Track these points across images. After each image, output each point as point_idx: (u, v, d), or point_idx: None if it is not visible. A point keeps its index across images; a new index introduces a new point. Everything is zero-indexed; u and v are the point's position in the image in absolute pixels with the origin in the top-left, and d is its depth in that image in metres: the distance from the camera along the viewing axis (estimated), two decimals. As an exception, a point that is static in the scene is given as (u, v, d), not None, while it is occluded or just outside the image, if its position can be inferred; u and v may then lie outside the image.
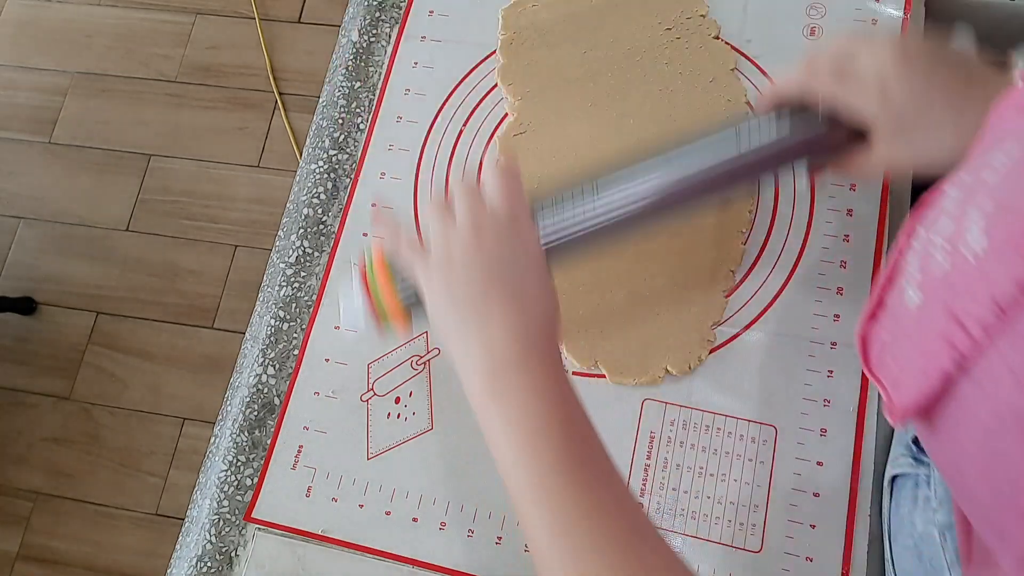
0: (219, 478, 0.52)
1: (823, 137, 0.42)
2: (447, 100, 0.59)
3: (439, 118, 0.59)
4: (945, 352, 0.27)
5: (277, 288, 0.56)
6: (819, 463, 0.48)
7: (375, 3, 0.63)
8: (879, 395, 0.49)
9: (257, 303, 0.57)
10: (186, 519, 0.53)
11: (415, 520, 0.49)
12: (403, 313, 0.42)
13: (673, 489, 0.48)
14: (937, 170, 0.37)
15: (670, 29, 0.58)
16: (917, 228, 0.33)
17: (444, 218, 0.40)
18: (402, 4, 0.63)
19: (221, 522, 0.51)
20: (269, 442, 0.52)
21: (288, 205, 0.59)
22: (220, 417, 0.54)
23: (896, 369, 0.32)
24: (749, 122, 0.42)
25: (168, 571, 0.52)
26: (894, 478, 0.46)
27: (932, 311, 0.29)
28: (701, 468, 0.49)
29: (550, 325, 0.39)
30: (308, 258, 0.56)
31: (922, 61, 0.38)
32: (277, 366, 0.54)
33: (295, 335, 0.55)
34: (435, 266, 0.40)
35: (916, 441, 0.44)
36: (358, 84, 0.61)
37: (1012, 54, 0.40)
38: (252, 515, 0.51)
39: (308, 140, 0.61)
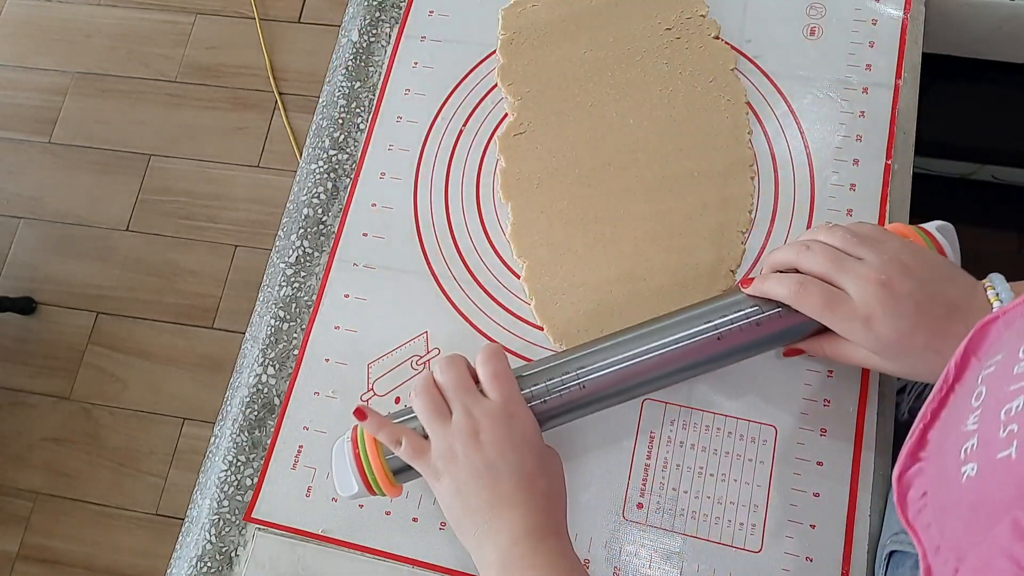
0: (219, 478, 0.52)
1: (805, 328, 0.44)
2: (447, 100, 0.59)
3: (439, 118, 0.59)
4: (1007, 569, 0.25)
5: (277, 288, 0.56)
6: (819, 463, 0.48)
7: (375, 3, 0.63)
8: (878, 397, 0.49)
9: (257, 303, 0.57)
10: (186, 519, 0.53)
11: (415, 520, 0.49)
12: (393, 483, 0.45)
13: (673, 489, 0.48)
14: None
15: (670, 29, 0.58)
16: (971, 360, 0.31)
17: (440, 415, 0.42)
18: (402, 4, 0.63)
19: (221, 522, 0.51)
20: (269, 442, 0.52)
21: (288, 205, 0.59)
22: (220, 417, 0.55)
23: (940, 539, 0.30)
24: (731, 320, 0.44)
25: (168, 571, 0.52)
26: (891, 554, 0.44)
27: (991, 503, 0.27)
28: (701, 468, 0.49)
29: (555, 506, 0.42)
30: (308, 258, 0.56)
31: (909, 303, 0.39)
32: (277, 366, 0.54)
33: (295, 335, 0.55)
34: (442, 471, 0.41)
35: None
36: (358, 84, 0.61)
37: (986, 282, 0.41)
38: (252, 515, 0.51)
39: (308, 140, 0.61)
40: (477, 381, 0.44)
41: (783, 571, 0.46)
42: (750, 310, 0.44)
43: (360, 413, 0.44)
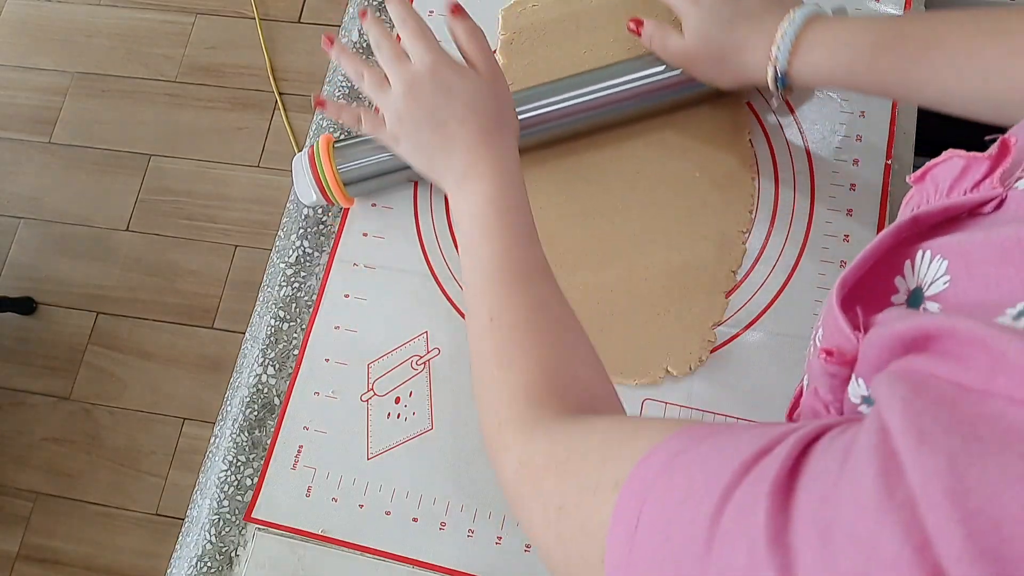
0: (219, 478, 0.52)
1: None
2: (447, 100, 0.59)
3: (439, 118, 0.59)
4: None
5: (277, 288, 0.56)
6: (819, 463, 0.48)
7: (375, 3, 0.63)
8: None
9: (257, 303, 0.57)
10: (186, 519, 0.53)
11: (415, 520, 0.49)
12: (343, 189, 0.53)
13: (673, 489, 0.48)
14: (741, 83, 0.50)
15: (670, 29, 0.58)
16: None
17: (381, 87, 0.47)
18: (402, 4, 0.63)
19: (221, 522, 0.51)
20: (269, 442, 0.52)
21: (288, 205, 0.59)
22: (220, 417, 0.54)
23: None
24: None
25: (168, 571, 0.52)
26: None
27: None
28: (701, 468, 0.49)
29: (500, 124, 0.46)
30: (308, 258, 0.56)
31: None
32: (277, 366, 0.54)
33: (295, 335, 0.55)
34: (398, 134, 0.46)
35: None
36: (358, 84, 0.61)
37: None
38: (252, 515, 0.51)
39: (308, 140, 0.61)
40: None
41: (783, 571, 0.46)
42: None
43: (319, 103, 0.50)
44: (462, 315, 0.53)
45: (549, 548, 0.30)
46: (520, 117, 0.51)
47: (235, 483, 0.52)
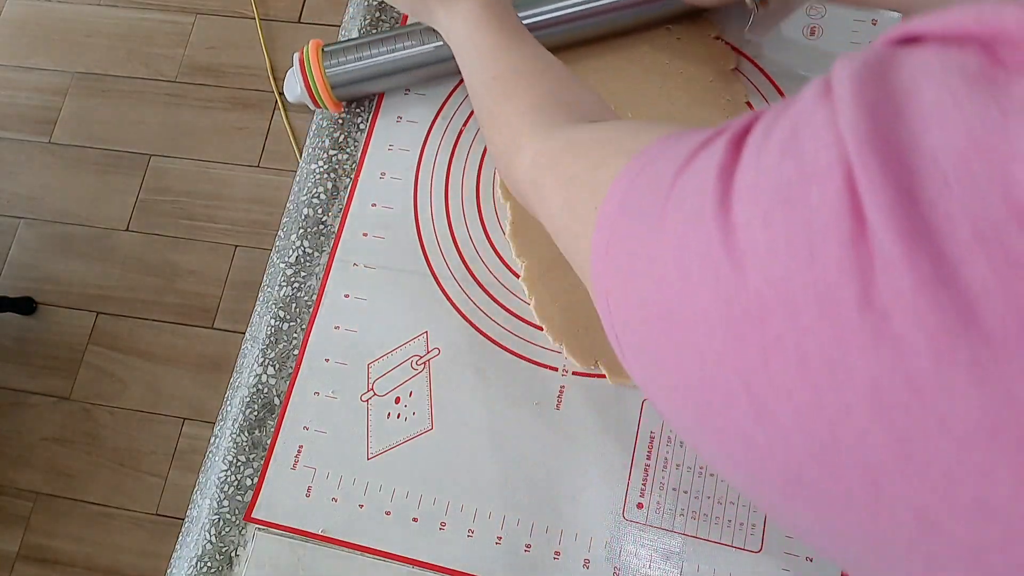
0: (219, 478, 0.52)
1: None
2: (447, 100, 0.59)
3: (439, 118, 0.59)
4: None
5: (277, 288, 0.56)
6: (819, 463, 0.48)
7: (375, 3, 0.63)
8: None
9: (257, 303, 0.57)
10: (186, 519, 0.53)
11: (415, 520, 0.49)
12: (331, 92, 0.56)
13: (673, 489, 0.48)
14: None
15: (670, 29, 0.58)
16: None
17: None
18: (402, 4, 0.63)
19: (221, 522, 0.51)
20: (269, 442, 0.52)
21: (288, 205, 0.59)
22: (220, 417, 0.55)
23: None
24: None
25: (168, 571, 0.52)
26: None
27: None
28: (701, 468, 0.49)
29: None
30: (308, 258, 0.56)
31: None
32: (277, 366, 0.54)
33: (295, 335, 0.55)
34: None
35: None
36: (358, 84, 0.61)
37: None
38: (252, 515, 0.51)
39: (308, 140, 0.61)
40: None
41: (783, 571, 0.46)
42: None
43: None
44: (462, 315, 0.53)
45: (555, 216, 0.32)
46: None
47: (235, 483, 0.52)
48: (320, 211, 0.57)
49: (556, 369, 0.52)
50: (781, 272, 0.16)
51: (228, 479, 0.52)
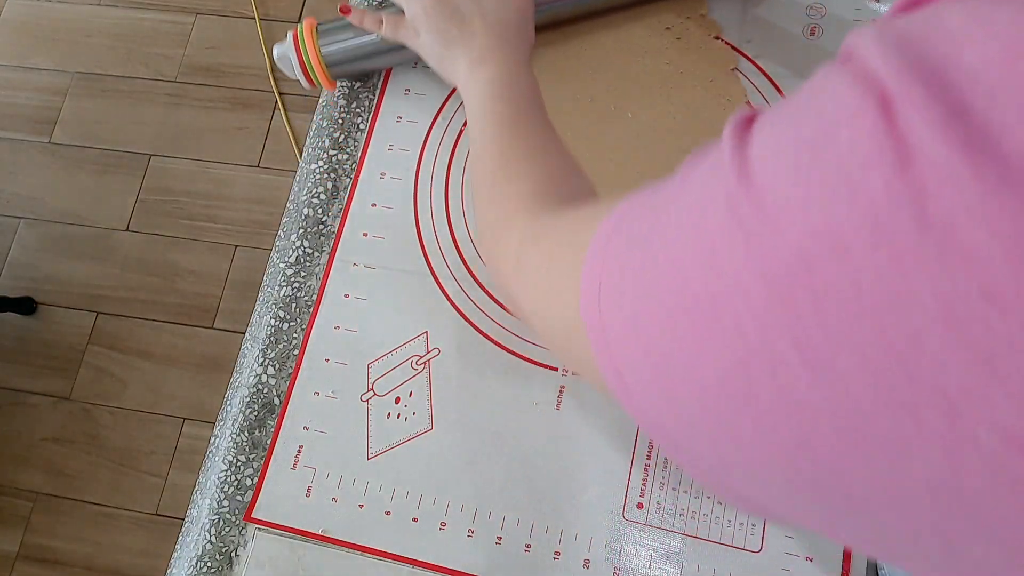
0: (219, 478, 0.52)
1: None
2: (447, 100, 0.59)
3: (439, 118, 0.59)
4: None
5: (277, 288, 0.56)
6: (819, 463, 0.48)
7: (375, 3, 0.63)
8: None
9: (257, 303, 0.57)
10: (186, 519, 0.53)
11: (415, 520, 0.49)
12: (326, 71, 0.56)
13: (673, 489, 0.48)
14: None
15: (670, 29, 0.58)
16: None
17: None
18: (402, 4, 0.63)
19: (221, 522, 0.51)
20: (269, 442, 0.52)
21: (288, 205, 0.59)
22: (220, 417, 0.55)
23: None
24: None
25: (168, 571, 0.52)
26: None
27: None
28: (701, 468, 0.49)
29: (523, 33, 0.50)
30: (308, 258, 0.56)
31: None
32: (277, 366, 0.54)
33: (295, 335, 0.55)
34: (419, 27, 0.50)
35: None
36: (358, 84, 0.61)
37: None
38: (252, 515, 0.51)
39: (308, 140, 0.61)
40: None
41: (783, 571, 0.46)
42: None
43: (345, 10, 0.54)
44: (462, 315, 0.53)
45: (534, 287, 0.33)
46: None
47: (235, 483, 0.52)
48: (320, 211, 0.57)
49: (556, 369, 0.52)
50: (822, 219, 0.16)
51: (228, 479, 0.52)
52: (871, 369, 0.15)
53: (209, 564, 0.50)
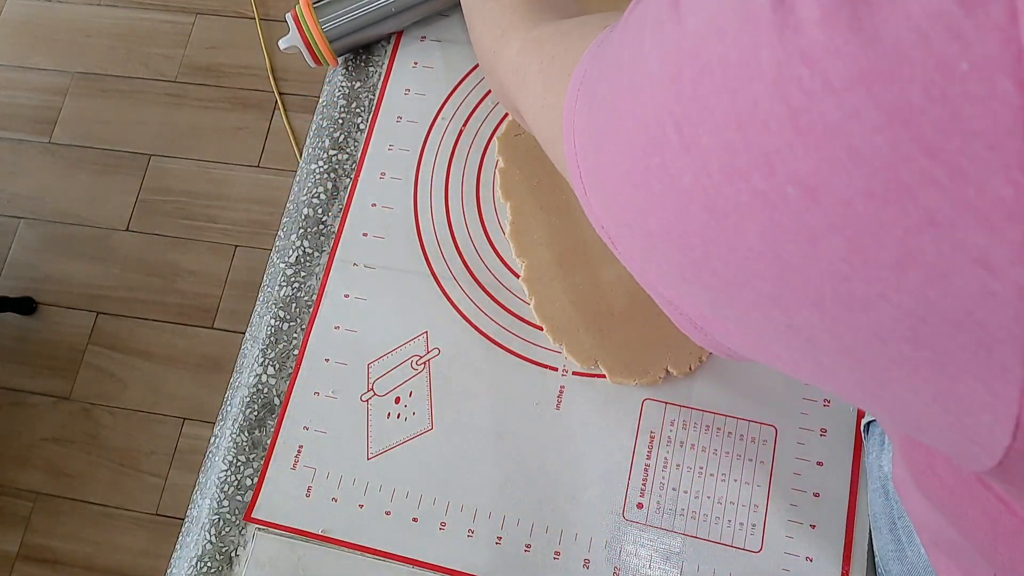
0: (219, 478, 0.52)
1: None
2: (447, 100, 0.59)
3: (439, 118, 0.59)
4: None
5: (277, 288, 0.56)
6: (819, 463, 0.48)
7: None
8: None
9: (257, 303, 0.57)
10: (186, 519, 0.53)
11: (415, 520, 0.49)
12: (329, 45, 0.57)
13: (673, 489, 0.48)
14: None
15: None
16: None
17: None
18: (402, 4, 0.63)
19: (221, 522, 0.51)
20: (269, 442, 0.52)
21: (288, 205, 0.59)
22: (220, 417, 0.55)
23: None
24: None
25: (168, 571, 0.52)
26: (867, 425, 0.47)
27: None
28: (701, 468, 0.49)
29: None
30: (308, 258, 0.56)
31: None
32: (277, 366, 0.54)
33: (295, 335, 0.55)
34: None
35: None
36: (358, 84, 0.61)
37: None
38: (252, 515, 0.51)
39: (308, 140, 0.61)
40: None
41: (783, 571, 0.46)
42: None
43: None
44: (462, 315, 0.53)
45: (534, 98, 0.34)
46: None
47: (235, 483, 0.52)
48: (320, 211, 0.57)
49: (556, 369, 0.52)
50: (712, 8, 0.17)
51: (228, 479, 0.52)
52: (722, 141, 0.17)
53: (209, 564, 0.50)
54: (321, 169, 0.58)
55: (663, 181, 0.19)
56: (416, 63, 0.61)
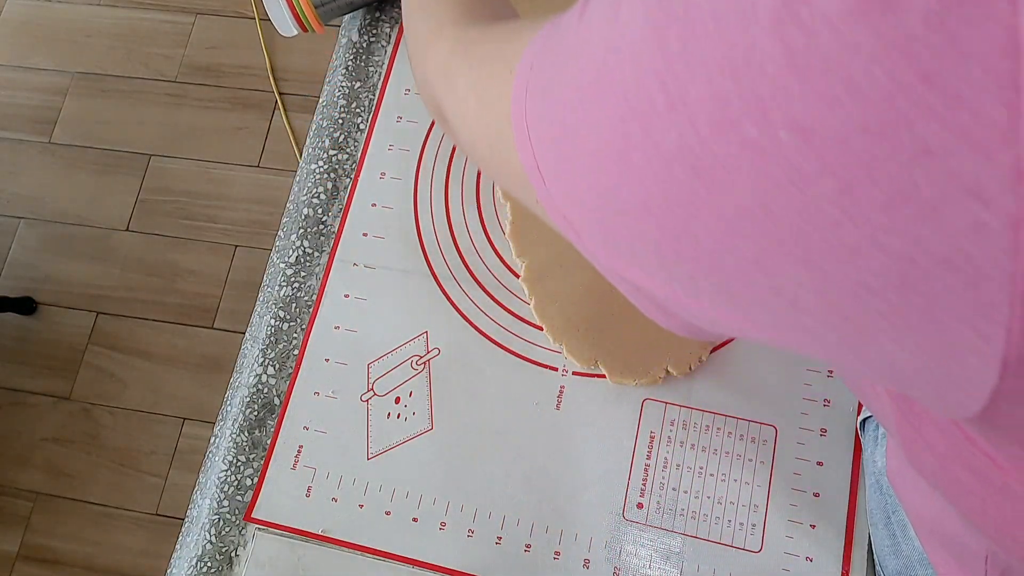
0: (219, 478, 0.52)
1: None
2: (447, 100, 0.59)
3: (439, 118, 0.59)
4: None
5: (277, 288, 0.56)
6: (819, 463, 0.48)
7: (375, 3, 0.63)
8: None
9: (257, 303, 0.57)
10: (186, 519, 0.53)
11: (415, 520, 0.49)
12: (315, 11, 0.58)
13: (673, 489, 0.48)
14: None
15: None
16: None
17: None
18: (402, 4, 0.63)
19: (221, 522, 0.51)
20: (269, 442, 0.52)
21: (288, 205, 0.59)
22: (220, 417, 0.55)
23: None
24: None
25: (168, 571, 0.52)
26: (863, 422, 0.47)
27: None
28: (701, 468, 0.49)
29: None
30: (308, 258, 0.56)
31: None
32: (277, 366, 0.54)
33: (295, 335, 0.55)
34: None
35: None
36: (358, 84, 0.61)
37: None
38: (252, 515, 0.51)
39: (308, 140, 0.61)
40: None
41: (783, 571, 0.46)
42: None
43: None
44: (462, 315, 0.53)
45: (464, 99, 0.33)
46: None
47: (235, 483, 0.52)
48: (320, 211, 0.57)
49: (556, 369, 0.52)
50: None
51: (228, 479, 0.52)
52: (711, 91, 0.16)
53: (209, 564, 0.50)
54: (321, 169, 0.58)
55: (644, 148, 0.19)
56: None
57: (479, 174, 0.57)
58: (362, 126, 0.60)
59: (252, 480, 0.52)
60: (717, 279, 0.19)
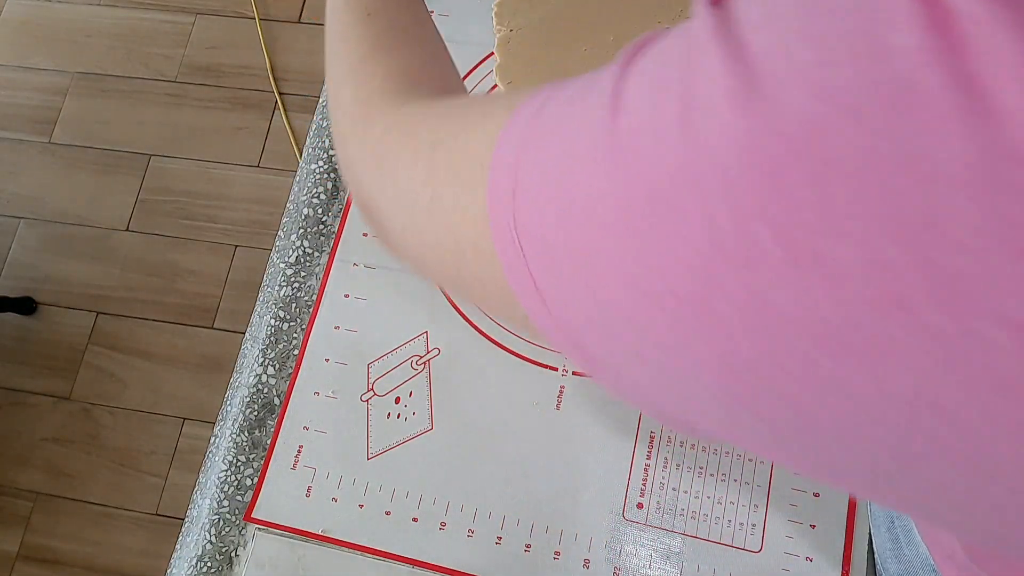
0: (219, 478, 0.52)
1: None
2: (447, 100, 0.59)
3: (439, 118, 0.59)
4: None
5: (277, 288, 0.56)
6: (819, 463, 0.48)
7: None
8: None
9: (257, 303, 0.57)
10: (186, 519, 0.53)
11: (415, 520, 0.49)
12: None
13: (673, 489, 0.48)
14: None
15: (669, 28, 0.58)
16: None
17: None
18: (402, 4, 0.63)
19: (221, 522, 0.51)
20: (269, 442, 0.52)
21: (288, 205, 0.59)
22: (220, 417, 0.55)
23: None
24: None
25: (168, 571, 0.52)
26: None
27: None
28: (701, 468, 0.49)
29: None
30: (308, 258, 0.56)
31: None
32: (277, 366, 0.54)
33: (295, 335, 0.55)
34: None
35: None
36: (358, 84, 0.61)
37: None
38: (252, 515, 0.51)
39: (308, 140, 0.61)
40: None
41: (783, 571, 0.46)
42: None
43: None
44: (462, 315, 0.53)
45: (408, 193, 0.27)
46: None
47: (235, 483, 0.52)
48: (320, 211, 0.57)
49: (556, 369, 0.52)
50: (835, 80, 0.13)
51: (228, 479, 0.52)
52: (871, 258, 0.13)
53: (209, 564, 0.50)
54: (321, 169, 0.58)
55: (740, 291, 0.15)
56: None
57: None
58: (362, 126, 0.60)
59: (252, 480, 0.52)
60: (755, 418, 0.17)
